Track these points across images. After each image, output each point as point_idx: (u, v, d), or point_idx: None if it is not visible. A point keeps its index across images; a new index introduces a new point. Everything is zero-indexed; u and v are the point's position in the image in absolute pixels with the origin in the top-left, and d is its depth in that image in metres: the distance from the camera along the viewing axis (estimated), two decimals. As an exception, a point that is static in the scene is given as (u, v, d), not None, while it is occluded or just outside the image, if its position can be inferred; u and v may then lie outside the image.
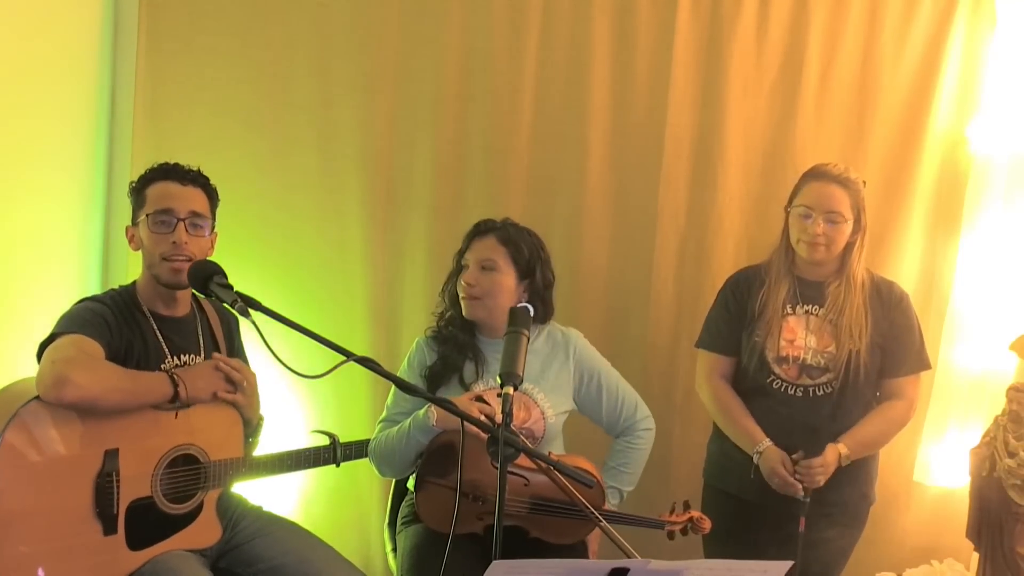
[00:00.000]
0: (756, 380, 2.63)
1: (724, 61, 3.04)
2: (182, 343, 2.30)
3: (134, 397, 2.12)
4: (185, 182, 2.28)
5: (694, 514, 2.38)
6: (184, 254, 2.22)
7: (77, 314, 2.17)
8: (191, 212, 2.25)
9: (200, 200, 2.30)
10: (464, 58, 3.08)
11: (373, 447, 2.44)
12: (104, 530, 2.10)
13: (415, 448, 2.34)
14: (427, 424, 2.30)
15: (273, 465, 2.40)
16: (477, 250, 2.46)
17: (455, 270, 2.51)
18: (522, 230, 2.51)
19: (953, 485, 3.05)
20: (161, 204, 2.24)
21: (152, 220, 2.23)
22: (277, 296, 2.70)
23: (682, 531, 2.38)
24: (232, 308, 1.95)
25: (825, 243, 2.54)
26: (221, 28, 3.06)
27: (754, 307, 2.64)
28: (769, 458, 2.53)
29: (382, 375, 1.92)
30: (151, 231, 2.23)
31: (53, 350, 2.07)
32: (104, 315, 2.17)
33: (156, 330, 2.26)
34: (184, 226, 2.23)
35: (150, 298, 2.28)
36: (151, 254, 2.24)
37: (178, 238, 2.22)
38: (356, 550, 3.16)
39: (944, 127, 3.02)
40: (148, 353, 2.22)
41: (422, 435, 2.32)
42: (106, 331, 2.14)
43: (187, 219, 2.24)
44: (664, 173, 3.09)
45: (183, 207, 2.24)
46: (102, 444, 2.10)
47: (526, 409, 2.44)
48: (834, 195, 2.53)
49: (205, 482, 2.24)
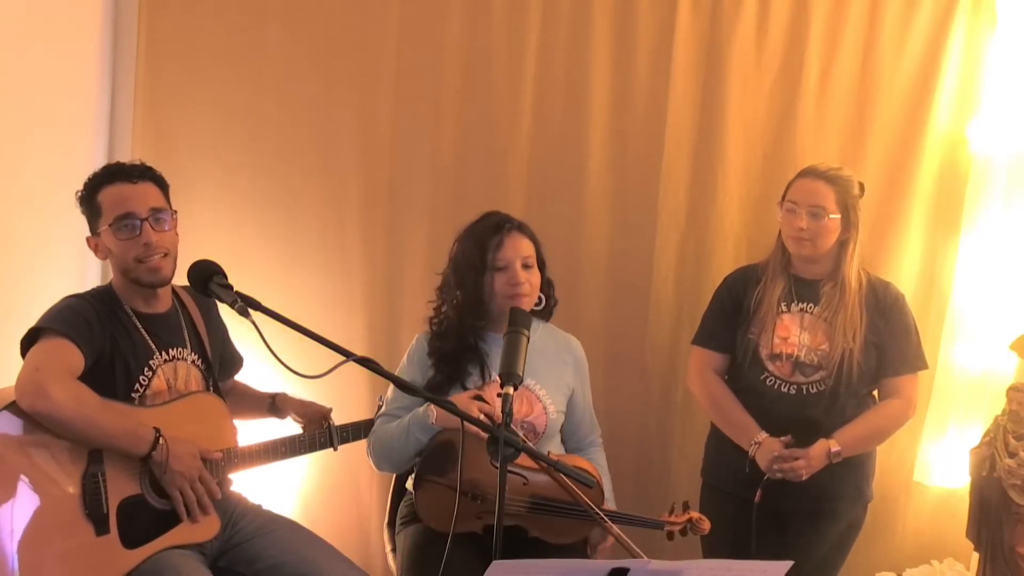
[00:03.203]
0: (749, 377, 2.64)
1: (724, 61, 3.04)
2: (168, 338, 2.29)
3: (102, 434, 2.06)
4: (135, 180, 2.23)
5: (693, 515, 2.38)
6: (158, 251, 2.20)
7: (60, 312, 2.15)
8: (151, 209, 2.21)
9: (155, 193, 2.26)
10: (464, 58, 3.08)
11: (372, 441, 2.44)
12: (96, 531, 2.08)
13: (414, 445, 2.34)
14: (426, 422, 2.30)
15: (267, 453, 2.35)
16: (514, 248, 2.40)
17: (479, 267, 2.40)
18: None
19: (953, 485, 3.05)
20: (120, 209, 2.19)
21: (115, 227, 2.19)
22: (277, 296, 2.70)
23: (681, 532, 2.37)
24: (232, 308, 1.94)
25: (809, 237, 2.55)
26: (221, 28, 3.07)
27: (749, 304, 2.66)
28: (767, 449, 2.53)
29: (382, 375, 1.92)
30: (118, 239, 2.19)
31: (39, 355, 2.07)
32: (87, 314, 2.15)
33: (140, 328, 2.24)
34: (149, 225, 2.20)
35: (129, 297, 2.25)
36: (124, 260, 2.20)
37: (148, 239, 2.19)
38: (356, 550, 3.16)
39: (944, 127, 3.02)
40: (136, 350, 2.21)
41: (422, 433, 2.31)
42: (88, 331, 2.12)
43: (149, 217, 2.20)
44: (664, 173, 3.09)
45: (142, 206, 2.20)
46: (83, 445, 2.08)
47: (528, 403, 2.44)
48: (818, 190, 2.55)
49: None
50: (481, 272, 2.40)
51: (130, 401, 2.19)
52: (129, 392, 2.19)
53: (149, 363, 2.23)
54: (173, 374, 2.28)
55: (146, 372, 2.22)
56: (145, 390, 2.21)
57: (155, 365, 2.24)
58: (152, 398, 2.22)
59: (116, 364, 2.17)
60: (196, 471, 2.16)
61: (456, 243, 2.49)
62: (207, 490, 2.18)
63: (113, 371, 2.17)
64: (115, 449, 2.10)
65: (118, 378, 2.18)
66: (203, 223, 3.10)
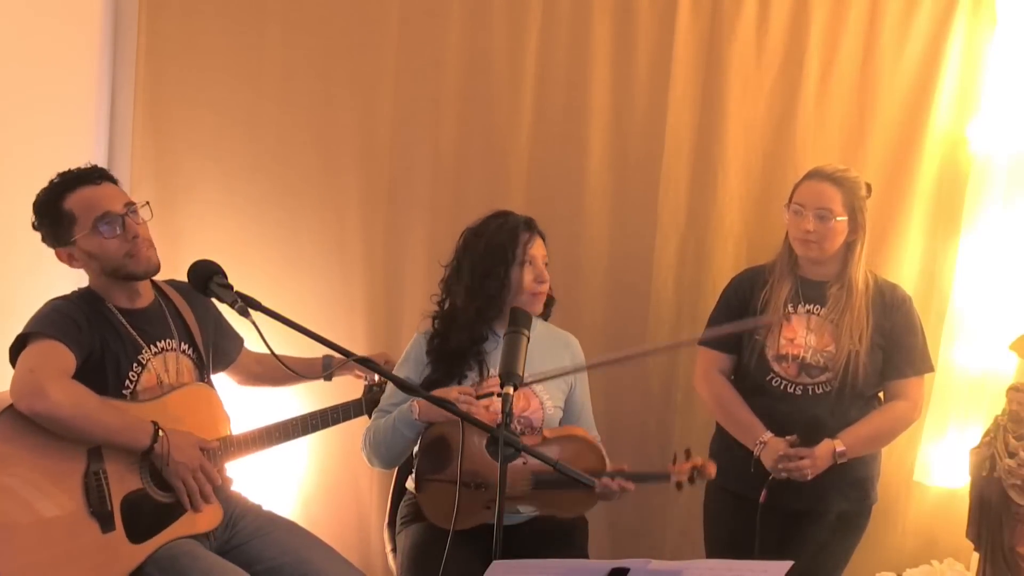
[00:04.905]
0: (755, 378, 2.64)
1: (724, 61, 3.04)
2: (155, 331, 2.30)
3: (104, 431, 2.08)
4: (97, 181, 2.24)
5: (697, 461, 2.34)
6: (145, 242, 2.23)
7: (47, 315, 2.15)
8: (125, 205, 2.23)
9: (119, 190, 2.28)
10: (464, 58, 3.08)
11: (364, 436, 2.44)
12: (102, 528, 2.10)
13: (402, 441, 2.34)
14: (410, 417, 2.31)
15: (262, 439, 2.35)
16: (537, 247, 2.46)
17: (510, 260, 2.41)
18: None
19: (953, 485, 3.05)
20: (97, 210, 2.19)
21: (98, 228, 2.18)
22: (277, 296, 2.70)
23: (689, 479, 2.34)
24: (232, 308, 1.95)
25: (816, 240, 2.54)
26: (221, 28, 3.07)
27: (756, 305, 2.65)
28: (773, 449, 2.53)
29: (381, 375, 1.92)
30: (104, 238, 2.19)
31: (31, 358, 2.07)
32: (74, 315, 2.16)
33: (125, 324, 2.25)
34: (129, 219, 2.22)
35: (111, 296, 2.26)
36: (113, 258, 2.20)
37: (135, 231, 2.21)
38: (356, 550, 3.16)
39: (944, 127, 3.02)
40: (124, 347, 2.22)
41: (407, 428, 2.32)
42: (76, 332, 2.13)
43: (127, 212, 2.22)
44: (664, 173, 3.09)
45: (116, 204, 2.22)
46: (83, 443, 2.09)
47: (525, 399, 2.45)
48: (825, 192, 2.54)
49: None
50: (510, 264, 2.42)
51: (121, 398, 2.20)
52: (120, 388, 2.20)
53: (138, 358, 2.24)
54: (163, 366, 2.28)
55: (135, 368, 2.23)
56: (135, 386, 2.22)
57: (144, 360, 2.24)
58: (143, 393, 2.23)
59: (106, 362, 2.18)
60: (197, 461, 2.19)
61: (473, 236, 2.48)
62: (208, 478, 2.20)
63: (103, 369, 2.18)
64: (116, 445, 2.11)
65: (108, 375, 2.19)
66: (203, 223, 3.10)
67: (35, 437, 2.04)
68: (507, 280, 2.41)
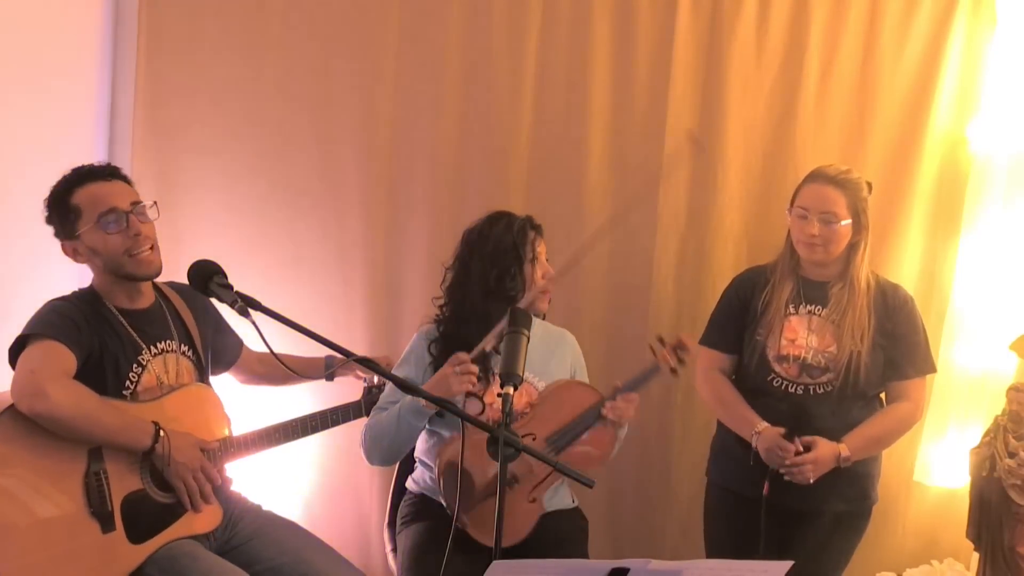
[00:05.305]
0: (756, 378, 2.64)
1: (724, 61, 3.04)
2: (155, 332, 2.30)
3: (105, 431, 2.09)
4: (108, 178, 2.25)
5: (672, 340, 2.44)
6: (147, 242, 2.23)
7: (47, 316, 2.16)
8: (132, 203, 2.24)
9: (129, 189, 2.28)
10: (464, 58, 3.08)
11: (364, 430, 2.43)
12: (102, 528, 2.10)
13: (408, 430, 2.34)
14: (418, 405, 2.30)
15: (262, 440, 2.35)
16: (541, 245, 2.51)
17: (522, 257, 2.45)
18: None
19: (953, 485, 3.06)
20: (103, 206, 2.20)
21: (101, 224, 2.19)
22: (277, 296, 2.70)
23: (679, 361, 2.44)
24: (232, 308, 1.95)
25: (822, 243, 2.54)
26: (221, 28, 3.07)
27: (757, 306, 2.65)
28: (767, 438, 2.53)
29: (381, 375, 1.92)
30: (106, 234, 2.19)
31: (32, 359, 2.07)
32: (73, 315, 2.16)
33: (125, 325, 2.25)
34: (134, 217, 2.22)
35: (112, 296, 2.26)
36: (114, 255, 2.21)
37: (137, 229, 2.21)
38: (356, 550, 3.16)
39: (944, 127, 3.02)
40: (124, 348, 2.22)
41: (414, 417, 2.32)
42: (76, 333, 2.13)
43: (132, 210, 2.22)
44: (664, 173, 3.09)
45: (123, 201, 2.22)
46: (84, 444, 2.09)
47: (526, 394, 2.45)
48: (829, 196, 2.53)
49: None
50: (523, 263, 2.45)
51: (121, 398, 2.20)
52: (120, 389, 2.20)
53: (138, 359, 2.24)
54: (163, 367, 2.29)
55: (135, 368, 2.23)
56: (136, 386, 2.22)
57: (144, 360, 2.25)
58: (143, 394, 2.23)
59: (105, 362, 2.19)
60: (198, 461, 2.19)
61: (478, 237, 2.48)
62: (209, 478, 2.20)
63: (103, 369, 2.18)
64: (117, 445, 2.11)
65: (108, 376, 2.19)
66: (203, 223, 3.10)
67: (35, 437, 2.04)
68: (522, 278, 2.44)
